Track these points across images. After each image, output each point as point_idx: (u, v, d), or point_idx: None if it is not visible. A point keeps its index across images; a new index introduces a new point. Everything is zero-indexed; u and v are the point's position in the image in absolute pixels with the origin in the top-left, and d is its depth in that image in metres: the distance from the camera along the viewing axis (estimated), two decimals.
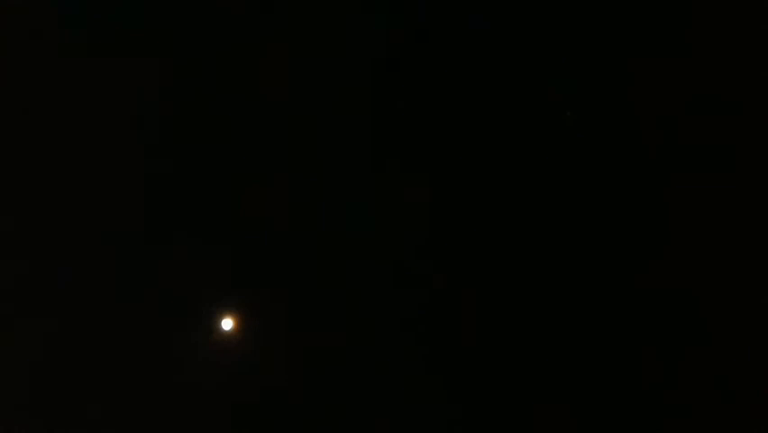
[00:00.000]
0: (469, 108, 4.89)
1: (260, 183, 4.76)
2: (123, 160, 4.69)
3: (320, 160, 4.80)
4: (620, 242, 4.81)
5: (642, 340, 4.72)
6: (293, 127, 4.80)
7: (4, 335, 4.55)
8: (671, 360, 4.70)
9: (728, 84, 4.77)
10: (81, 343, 4.62)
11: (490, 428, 4.71)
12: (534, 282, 4.81)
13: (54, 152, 4.68)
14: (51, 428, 4.52)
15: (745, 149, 4.73)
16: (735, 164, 4.73)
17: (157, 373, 4.64)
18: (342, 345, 4.73)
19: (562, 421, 4.66)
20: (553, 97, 4.84)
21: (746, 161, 4.72)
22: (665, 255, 4.77)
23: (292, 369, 4.72)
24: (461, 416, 4.70)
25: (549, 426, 4.67)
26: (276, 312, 4.76)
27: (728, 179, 4.72)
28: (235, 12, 4.79)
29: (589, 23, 4.84)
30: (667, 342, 4.72)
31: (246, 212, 4.75)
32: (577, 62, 4.84)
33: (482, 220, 4.86)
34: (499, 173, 4.87)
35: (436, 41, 4.89)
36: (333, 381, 4.70)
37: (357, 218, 4.79)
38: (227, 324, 4.72)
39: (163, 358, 4.65)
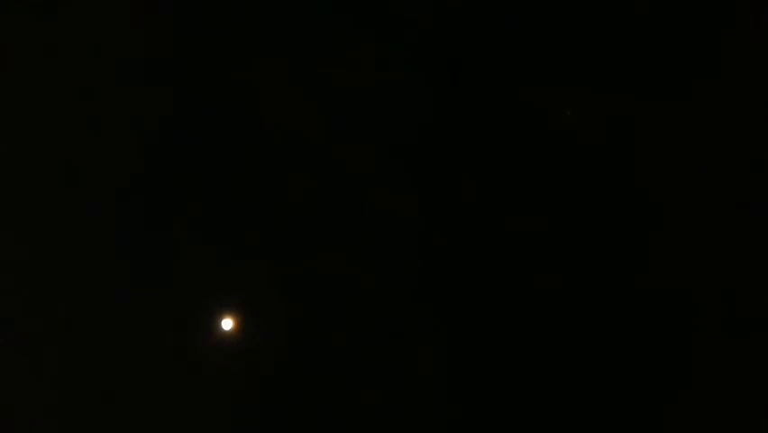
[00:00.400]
0: (468, 108, 4.92)
1: (262, 182, 4.76)
2: (122, 157, 4.68)
3: (321, 159, 4.81)
4: (621, 242, 4.83)
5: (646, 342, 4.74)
6: (294, 127, 4.80)
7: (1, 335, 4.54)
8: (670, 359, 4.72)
9: (728, 85, 4.80)
10: (79, 343, 4.59)
11: (491, 430, 4.71)
12: (534, 284, 4.82)
13: (50, 150, 4.67)
14: (49, 427, 4.49)
15: (744, 148, 4.77)
16: (734, 163, 4.76)
17: (156, 373, 4.61)
18: (344, 345, 4.71)
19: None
20: (553, 97, 4.87)
21: (746, 160, 4.76)
22: (666, 256, 4.79)
23: (292, 369, 4.70)
24: (465, 416, 4.69)
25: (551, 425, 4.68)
26: (276, 312, 4.74)
27: (728, 179, 4.75)
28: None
29: (588, 22, 4.88)
30: (666, 341, 4.74)
31: (247, 211, 4.74)
32: (577, 62, 4.87)
33: (481, 220, 4.87)
34: (498, 173, 4.89)
35: (436, 41, 4.93)
36: (334, 381, 4.69)
37: (358, 218, 4.79)
38: (227, 324, 4.70)
39: (162, 358, 4.62)
